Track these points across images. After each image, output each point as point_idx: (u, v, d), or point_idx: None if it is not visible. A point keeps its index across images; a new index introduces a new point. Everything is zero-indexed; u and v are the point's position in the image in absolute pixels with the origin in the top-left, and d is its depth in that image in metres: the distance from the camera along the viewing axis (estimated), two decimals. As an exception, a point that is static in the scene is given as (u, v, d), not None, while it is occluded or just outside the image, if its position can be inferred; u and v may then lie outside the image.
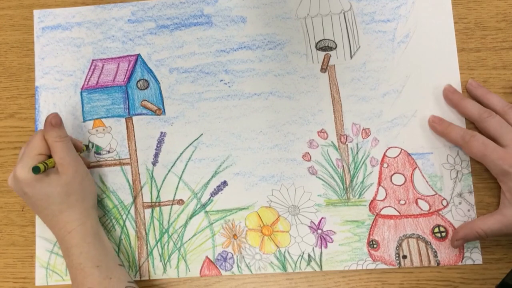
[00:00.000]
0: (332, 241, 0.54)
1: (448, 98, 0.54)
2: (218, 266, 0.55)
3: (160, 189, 0.57)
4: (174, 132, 0.57)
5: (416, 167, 0.54)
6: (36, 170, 0.48)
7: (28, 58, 0.60)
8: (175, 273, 0.55)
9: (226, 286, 0.54)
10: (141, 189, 0.57)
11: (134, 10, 0.60)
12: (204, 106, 0.57)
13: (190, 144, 0.57)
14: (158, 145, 0.57)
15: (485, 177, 0.53)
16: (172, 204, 0.56)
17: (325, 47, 0.57)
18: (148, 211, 0.56)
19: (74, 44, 0.60)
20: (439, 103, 0.55)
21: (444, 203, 0.53)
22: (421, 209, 0.53)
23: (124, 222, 0.56)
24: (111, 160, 0.58)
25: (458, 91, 0.54)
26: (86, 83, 0.59)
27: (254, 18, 0.58)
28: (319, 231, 0.54)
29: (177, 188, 0.56)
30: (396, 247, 0.53)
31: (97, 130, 0.58)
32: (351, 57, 0.56)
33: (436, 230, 0.53)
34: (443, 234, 0.53)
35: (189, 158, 0.57)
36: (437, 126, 0.53)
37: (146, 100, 0.58)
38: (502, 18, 0.56)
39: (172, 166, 0.57)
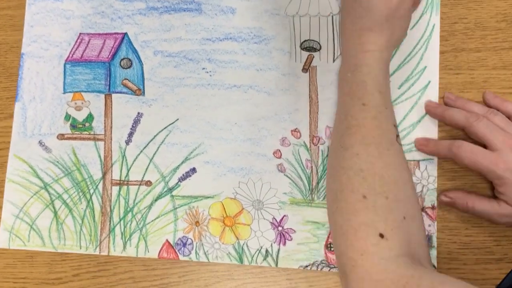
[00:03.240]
0: (291, 239, 0.54)
1: (432, 113, 0.54)
2: (177, 251, 0.55)
3: (130, 168, 0.57)
4: (151, 114, 0.58)
5: (383, 177, 0.54)
6: None
7: (27, 54, 0.61)
8: (134, 252, 0.56)
9: (227, 286, 0.55)
10: (111, 166, 0.57)
11: (126, -12, 0.60)
12: (183, 92, 0.58)
13: (165, 128, 0.57)
14: (134, 125, 0.58)
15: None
16: (140, 185, 0.57)
17: (309, 47, 0.57)
18: (115, 189, 0.57)
19: (64, 15, 0.60)
20: (417, 112, 0.55)
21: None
22: (383, 219, 0.53)
23: (91, 196, 0.57)
24: (86, 134, 0.58)
25: (440, 104, 0.54)
26: (71, 55, 0.60)
27: (243, 11, 0.58)
28: (280, 228, 0.55)
29: (146, 169, 0.57)
30: (353, 253, 0.53)
31: (75, 103, 0.59)
32: (334, 61, 0.57)
33: (395, 241, 0.53)
34: (401, 245, 0.53)
35: (162, 141, 0.57)
36: (425, 148, 0.53)
37: (127, 79, 0.59)
38: (502, 18, 0.56)
39: (144, 147, 0.57)
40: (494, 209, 0.49)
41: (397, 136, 0.48)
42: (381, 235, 0.41)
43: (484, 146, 0.49)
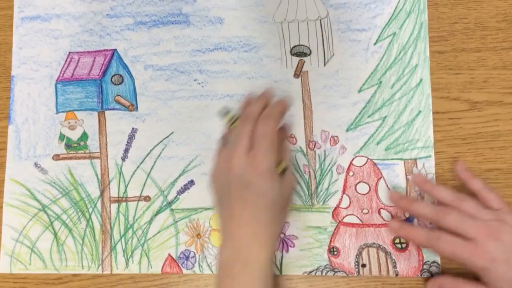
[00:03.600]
0: (294, 246, 0.54)
1: (399, 205, 0.53)
2: (180, 264, 0.55)
3: (127, 184, 0.57)
4: (146, 129, 0.58)
5: (381, 177, 0.54)
6: (284, 171, 0.47)
7: (27, 58, 0.60)
8: (137, 268, 0.55)
9: None
10: (109, 184, 0.57)
11: (113, 5, 0.60)
12: (176, 105, 0.58)
13: (160, 142, 0.57)
14: (129, 141, 0.58)
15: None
16: (138, 200, 0.57)
17: (300, 52, 0.57)
18: (114, 206, 0.57)
19: (52, 35, 0.60)
20: (410, 110, 0.55)
21: (407, 214, 0.53)
22: (383, 219, 0.54)
23: (90, 215, 0.57)
24: (81, 153, 0.58)
25: (405, 197, 0.53)
26: (61, 75, 0.59)
27: (231, 20, 0.58)
28: (282, 235, 0.54)
29: (144, 184, 0.57)
30: (356, 255, 0.53)
31: (69, 123, 0.58)
32: (325, 64, 0.57)
33: (397, 241, 0.53)
34: (403, 245, 0.53)
35: (159, 156, 0.57)
36: (400, 232, 0.51)
37: (119, 96, 0.58)
38: (502, 18, 0.56)
39: (141, 163, 0.57)
40: None
41: None
42: None
43: None
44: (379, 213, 0.54)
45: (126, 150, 0.57)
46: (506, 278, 0.46)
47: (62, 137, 0.58)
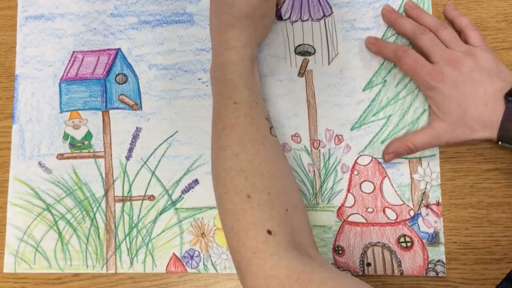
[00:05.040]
0: (299, 245, 0.54)
1: (386, 17, 0.55)
2: (184, 264, 0.55)
3: (132, 183, 0.57)
4: (150, 128, 0.58)
5: (386, 176, 0.54)
6: None
7: (25, 56, 0.60)
8: (142, 268, 0.55)
9: (226, 286, 0.54)
10: (113, 183, 0.57)
11: (117, 4, 0.60)
12: (180, 104, 0.58)
13: (164, 141, 0.57)
14: (133, 140, 0.58)
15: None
16: (143, 199, 0.57)
17: (304, 51, 0.57)
18: (119, 205, 0.57)
19: (56, 35, 0.60)
20: (414, 112, 0.55)
21: (412, 213, 0.53)
22: (388, 218, 0.54)
23: (94, 215, 0.57)
24: (86, 152, 0.58)
25: (396, 11, 0.56)
26: (65, 74, 0.59)
27: (235, 19, 0.58)
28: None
29: (149, 183, 0.57)
30: (361, 255, 0.53)
31: (73, 122, 0.58)
32: (329, 63, 0.57)
33: (402, 240, 0.53)
34: (409, 244, 0.53)
35: (163, 155, 0.57)
36: (372, 46, 0.55)
37: (123, 95, 0.58)
38: (502, 18, 0.56)
39: (145, 162, 0.57)
40: (429, 134, 0.51)
41: (271, 128, 0.49)
42: (269, 232, 0.42)
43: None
44: (384, 212, 0.54)
45: (131, 149, 0.57)
46: (451, 101, 0.49)
47: (66, 136, 0.58)
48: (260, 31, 0.52)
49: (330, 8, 0.57)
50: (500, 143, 0.49)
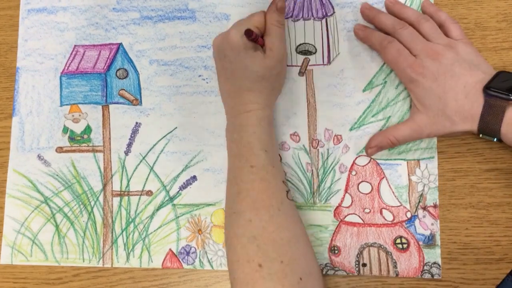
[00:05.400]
0: (295, 244, 0.54)
1: (365, 14, 0.56)
2: (180, 259, 0.55)
3: (130, 178, 0.57)
4: (149, 123, 0.58)
5: (383, 177, 0.54)
6: (249, 33, 0.48)
7: (26, 56, 0.60)
8: (138, 262, 0.55)
9: (227, 286, 0.54)
10: (111, 177, 0.57)
11: (119, -1, 0.60)
12: (180, 100, 0.58)
13: (163, 137, 0.57)
14: (132, 135, 0.58)
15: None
16: (140, 195, 0.57)
17: (305, 51, 0.57)
18: (116, 200, 0.57)
19: (58, 28, 0.60)
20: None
21: (408, 215, 0.53)
22: (385, 219, 0.54)
23: (92, 209, 0.57)
24: (85, 146, 0.58)
25: (375, 7, 0.56)
26: (66, 68, 0.59)
27: (237, 16, 0.58)
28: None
29: (147, 179, 0.57)
30: (357, 255, 0.53)
31: (73, 115, 0.59)
32: (330, 63, 0.57)
33: (398, 241, 0.53)
34: (405, 245, 0.53)
35: (162, 150, 0.57)
36: (359, 33, 0.55)
37: (124, 90, 0.59)
38: (502, 18, 0.56)
39: (144, 157, 0.57)
40: (411, 127, 0.51)
41: (287, 191, 0.48)
42: None
43: None
44: (381, 213, 0.54)
45: (130, 144, 0.58)
46: (432, 94, 0.49)
47: (65, 129, 0.58)
48: (277, 89, 0.53)
49: (332, 7, 0.57)
50: (480, 135, 0.49)
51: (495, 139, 0.49)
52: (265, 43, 0.51)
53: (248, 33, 0.48)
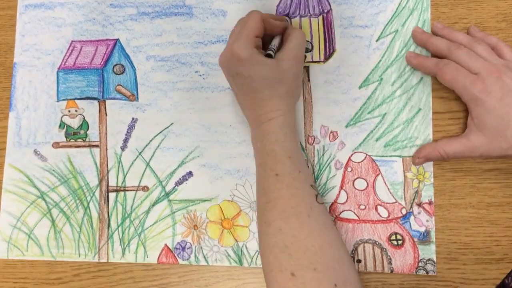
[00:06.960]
0: (290, 240, 0.54)
1: (418, 38, 0.55)
2: (176, 255, 0.55)
3: (126, 174, 0.57)
4: (146, 119, 0.58)
5: (379, 174, 0.54)
6: (270, 56, 0.49)
7: (26, 55, 0.60)
8: (133, 258, 0.55)
9: (226, 286, 0.54)
10: (107, 173, 0.57)
11: (117, -5, 0.60)
12: (177, 96, 0.58)
13: (160, 132, 0.57)
14: (129, 131, 0.58)
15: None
16: (136, 190, 0.57)
17: (302, 47, 0.57)
18: (112, 195, 0.57)
19: (55, 24, 0.60)
20: (410, 111, 0.55)
21: (403, 211, 0.54)
22: (380, 216, 0.54)
23: (88, 204, 0.57)
24: (81, 141, 0.58)
25: (426, 32, 0.55)
26: (63, 63, 0.59)
27: (234, 13, 0.58)
28: (278, 229, 0.54)
29: (143, 174, 0.57)
30: (352, 251, 0.53)
31: (69, 111, 0.59)
32: (326, 60, 0.57)
33: (393, 237, 0.53)
34: (400, 242, 0.53)
35: (158, 146, 0.57)
36: (412, 60, 0.54)
37: (120, 85, 0.59)
38: (502, 18, 0.56)
39: (140, 153, 0.57)
40: (464, 145, 0.50)
41: (317, 195, 0.47)
42: None
43: None
44: (376, 209, 0.54)
45: (126, 140, 0.58)
46: (494, 114, 0.47)
47: (62, 125, 0.58)
48: (296, 93, 0.52)
49: (329, 4, 0.57)
50: None
51: None
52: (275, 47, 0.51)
53: (270, 56, 0.49)
